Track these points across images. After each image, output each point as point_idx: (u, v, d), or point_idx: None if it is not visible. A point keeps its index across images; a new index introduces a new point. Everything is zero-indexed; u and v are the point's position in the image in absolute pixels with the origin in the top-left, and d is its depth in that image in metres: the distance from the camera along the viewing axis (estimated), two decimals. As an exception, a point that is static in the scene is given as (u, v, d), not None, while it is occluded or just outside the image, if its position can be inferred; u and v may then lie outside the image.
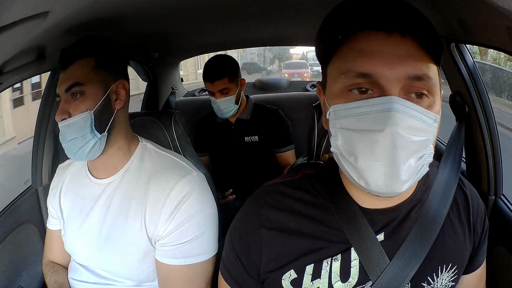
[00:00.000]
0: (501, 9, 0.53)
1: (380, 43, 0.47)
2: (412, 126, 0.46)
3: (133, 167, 0.87)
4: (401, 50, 0.47)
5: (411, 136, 0.46)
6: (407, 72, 0.46)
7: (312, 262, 0.57)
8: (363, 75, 0.47)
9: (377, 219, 0.57)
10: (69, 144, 0.80)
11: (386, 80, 0.46)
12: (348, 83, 0.48)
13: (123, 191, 0.85)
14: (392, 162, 0.46)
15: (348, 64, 0.48)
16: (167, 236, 0.81)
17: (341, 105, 0.49)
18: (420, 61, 0.47)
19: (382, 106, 0.45)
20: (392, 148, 0.45)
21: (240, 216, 0.64)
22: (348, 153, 0.49)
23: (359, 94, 0.48)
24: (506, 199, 0.97)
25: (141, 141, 0.92)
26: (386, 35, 0.47)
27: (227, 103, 1.59)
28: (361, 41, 0.48)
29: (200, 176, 0.88)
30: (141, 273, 0.85)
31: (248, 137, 1.70)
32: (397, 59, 0.46)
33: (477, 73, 0.95)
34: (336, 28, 0.51)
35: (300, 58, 18.98)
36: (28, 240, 1.15)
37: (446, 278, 0.60)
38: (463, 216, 0.62)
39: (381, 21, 0.47)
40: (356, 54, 0.48)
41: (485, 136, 0.94)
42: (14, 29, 0.53)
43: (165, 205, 0.80)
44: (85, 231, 0.88)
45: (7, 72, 0.80)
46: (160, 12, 1.02)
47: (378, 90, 0.47)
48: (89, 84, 0.81)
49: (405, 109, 0.45)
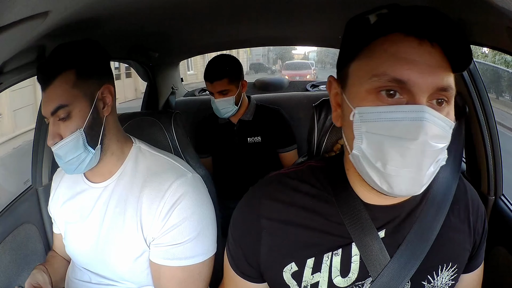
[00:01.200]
0: (501, 9, 0.53)
1: (415, 51, 0.47)
2: (437, 135, 0.47)
3: (128, 169, 0.86)
4: (432, 60, 0.47)
5: (437, 144, 0.47)
6: (437, 83, 0.47)
7: (313, 255, 0.58)
8: (397, 81, 0.47)
9: (379, 215, 0.57)
10: (66, 164, 0.80)
11: (418, 89, 0.47)
12: (379, 85, 0.48)
13: (119, 194, 0.85)
14: (419, 169, 0.47)
15: (383, 67, 0.48)
16: (161, 237, 0.81)
17: (370, 108, 0.48)
18: (446, 72, 0.48)
19: (414, 114, 0.46)
20: (421, 156, 0.46)
21: (241, 205, 0.65)
22: (374, 158, 0.49)
23: (387, 97, 0.48)
24: (506, 199, 0.97)
25: (135, 142, 0.91)
26: (418, 42, 0.48)
27: (226, 104, 1.58)
28: (395, 44, 0.48)
29: (195, 177, 0.87)
30: (140, 274, 0.85)
31: (251, 137, 1.69)
32: (430, 69, 0.47)
33: (477, 73, 0.95)
34: (366, 26, 0.51)
35: (301, 58, 19.04)
36: (28, 240, 1.15)
37: (446, 277, 0.60)
38: (464, 215, 0.62)
39: (413, 27, 0.48)
40: (392, 58, 0.48)
41: (485, 136, 0.94)
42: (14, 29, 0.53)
43: (159, 207, 0.80)
44: (85, 234, 0.88)
45: (7, 72, 0.80)
46: (160, 12, 1.02)
47: (407, 96, 0.48)
48: (74, 102, 0.77)
49: (433, 119, 0.46)
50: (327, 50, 13.85)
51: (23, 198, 1.20)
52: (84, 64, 0.80)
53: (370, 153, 0.49)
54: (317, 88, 2.41)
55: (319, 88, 2.41)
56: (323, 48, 2.93)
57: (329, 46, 2.18)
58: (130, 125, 1.05)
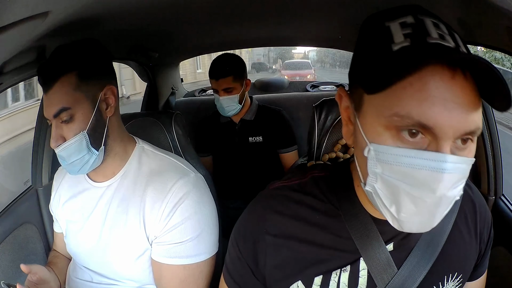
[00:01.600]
0: (501, 9, 0.53)
1: (446, 86, 0.41)
2: (457, 180, 0.43)
3: (131, 169, 0.87)
4: (465, 98, 0.41)
5: (455, 189, 0.44)
6: (465, 127, 0.42)
7: (320, 273, 0.56)
8: (421, 126, 0.41)
9: (387, 229, 0.55)
10: (69, 166, 0.80)
11: (444, 134, 0.42)
12: (399, 125, 0.43)
13: (122, 194, 0.85)
14: (432, 217, 0.45)
15: (407, 107, 0.41)
16: (163, 235, 0.81)
17: (388, 148, 0.44)
18: (477, 110, 0.43)
19: (435, 164, 0.41)
20: (437, 207, 0.44)
21: (245, 219, 0.62)
22: (388, 201, 0.46)
23: (409, 137, 0.43)
24: (506, 199, 0.97)
25: (138, 142, 0.91)
26: (451, 75, 0.41)
27: (230, 102, 1.59)
28: (423, 78, 0.41)
29: (198, 177, 0.88)
30: (142, 273, 0.85)
31: (252, 137, 1.70)
32: (461, 111, 0.41)
33: (477, 73, 0.95)
34: (391, 54, 0.43)
35: (301, 57, 19.07)
36: (28, 240, 1.15)
37: (451, 287, 0.60)
38: (471, 223, 0.61)
39: (445, 52, 0.41)
40: (417, 96, 0.41)
41: (485, 137, 0.94)
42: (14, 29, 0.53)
43: (162, 206, 0.80)
44: (87, 233, 0.88)
45: (7, 72, 0.80)
46: (160, 12, 1.02)
47: (430, 137, 0.43)
48: (76, 105, 0.77)
49: (455, 167, 0.42)
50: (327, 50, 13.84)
51: (23, 198, 1.20)
52: (86, 65, 0.79)
53: (384, 194, 0.46)
54: (317, 88, 2.41)
55: (319, 88, 2.40)
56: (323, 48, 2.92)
57: (330, 46, 2.18)
58: (131, 126, 1.05)
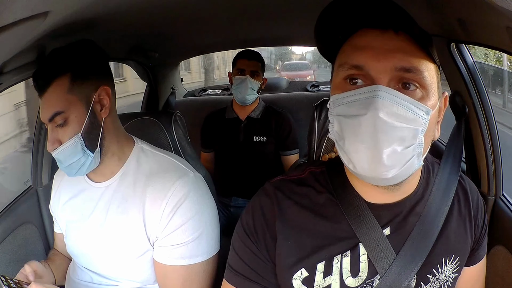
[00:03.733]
0: (501, 9, 0.53)
1: (374, 39, 0.51)
2: (397, 113, 0.48)
3: (130, 169, 0.86)
4: (392, 44, 0.51)
5: (394, 122, 0.48)
6: (394, 64, 0.50)
7: (323, 259, 0.58)
8: (356, 67, 0.51)
9: (383, 213, 0.59)
10: (67, 168, 0.81)
11: (375, 71, 0.50)
12: (344, 75, 0.53)
13: (122, 194, 0.85)
14: (374, 145, 0.48)
15: (344, 58, 0.53)
16: (164, 237, 0.81)
17: (338, 95, 0.53)
18: (411, 55, 0.51)
19: (368, 94, 0.49)
20: (374, 131, 0.48)
21: (253, 211, 0.63)
22: (339, 137, 0.53)
23: (351, 84, 0.53)
24: (506, 199, 0.96)
25: (137, 142, 0.91)
26: (381, 32, 0.52)
27: (254, 85, 1.65)
28: (358, 37, 0.53)
29: (197, 176, 0.88)
30: (144, 273, 0.85)
31: (256, 136, 1.71)
32: (386, 52, 0.50)
33: (477, 73, 0.95)
34: (336, 28, 0.55)
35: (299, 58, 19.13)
36: (28, 240, 1.15)
37: (449, 270, 0.62)
38: (464, 209, 0.64)
39: (378, 20, 0.52)
40: (351, 49, 0.53)
41: (485, 136, 0.94)
42: (14, 29, 0.53)
43: (161, 206, 0.80)
44: (87, 234, 0.88)
45: (7, 72, 0.80)
46: (160, 12, 1.02)
47: (369, 82, 0.51)
48: (70, 108, 0.77)
49: (390, 97, 0.48)
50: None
51: (23, 198, 1.20)
52: (79, 67, 0.79)
53: (337, 134, 0.53)
54: (317, 88, 2.41)
55: (319, 88, 2.41)
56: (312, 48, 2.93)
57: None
58: (131, 126, 1.05)
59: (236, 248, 0.64)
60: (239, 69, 1.67)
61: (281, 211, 0.61)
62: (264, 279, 0.62)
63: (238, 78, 1.65)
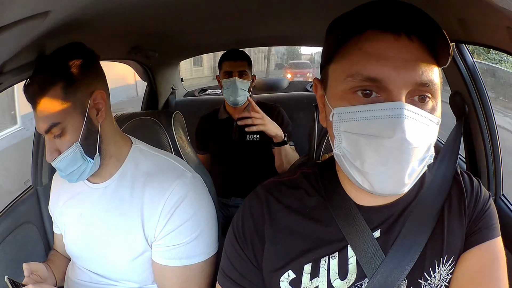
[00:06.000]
0: (501, 9, 0.53)
1: (389, 46, 0.46)
2: (419, 132, 0.46)
3: (128, 170, 0.86)
4: (409, 54, 0.46)
5: (418, 141, 0.46)
6: (415, 78, 0.46)
7: (310, 261, 0.58)
8: (371, 80, 0.46)
9: (374, 216, 0.57)
10: (68, 176, 0.81)
11: (394, 86, 0.46)
12: (353, 85, 0.48)
13: (120, 195, 0.85)
14: (398, 167, 0.46)
15: (356, 66, 0.47)
16: (162, 237, 0.81)
17: (346, 108, 0.48)
18: (427, 66, 0.47)
19: (391, 112, 0.45)
20: (399, 153, 0.45)
21: (243, 214, 0.64)
22: (353, 156, 0.49)
23: (363, 97, 0.48)
24: (506, 199, 0.96)
25: (134, 142, 0.91)
26: (394, 38, 0.47)
27: (244, 85, 1.62)
28: (369, 42, 0.47)
29: (195, 177, 0.88)
30: (142, 273, 0.85)
31: (249, 135, 1.70)
32: (405, 64, 0.46)
33: (477, 73, 0.95)
34: (342, 25, 0.51)
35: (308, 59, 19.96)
36: (28, 240, 1.15)
37: (444, 272, 0.58)
38: (456, 204, 0.59)
39: (389, 22, 0.47)
40: (364, 57, 0.47)
41: (485, 136, 0.94)
42: (14, 29, 0.53)
43: (159, 207, 0.80)
44: (85, 234, 0.88)
45: (7, 72, 0.80)
46: (161, 12, 1.02)
47: (385, 95, 0.47)
48: (66, 118, 0.76)
49: (414, 115, 0.46)
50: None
51: (23, 198, 1.20)
52: (70, 75, 0.77)
53: (349, 152, 0.49)
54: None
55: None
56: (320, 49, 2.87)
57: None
58: (130, 125, 1.05)
59: (227, 252, 0.64)
60: (226, 71, 1.64)
61: (271, 216, 0.60)
62: (252, 284, 0.62)
63: (227, 81, 1.62)
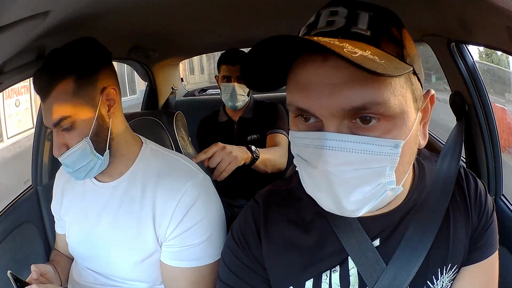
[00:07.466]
0: (501, 9, 0.53)
1: (315, 71, 0.43)
2: (351, 161, 0.43)
3: (139, 169, 0.85)
4: (339, 76, 0.41)
5: (350, 171, 0.43)
6: (341, 105, 0.41)
7: (311, 276, 0.56)
8: (301, 110, 0.45)
9: (373, 225, 0.56)
10: (75, 173, 0.79)
11: (321, 115, 0.43)
12: (293, 113, 0.48)
13: (131, 194, 0.83)
14: (334, 195, 0.45)
15: (290, 96, 0.47)
16: (173, 238, 0.80)
17: (293, 133, 0.48)
18: (363, 86, 0.41)
19: (318, 142, 0.43)
20: (328, 183, 0.44)
21: (240, 226, 0.63)
22: (303, 179, 0.50)
23: (304, 121, 0.47)
24: (506, 199, 0.96)
25: (145, 142, 0.90)
26: (322, 59, 0.42)
27: (243, 91, 1.61)
28: (299, 68, 0.45)
29: (206, 178, 0.87)
30: (151, 274, 0.84)
31: (250, 135, 1.69)
32: (331, 91, 0.41)
33: (477, 73, 0.95)
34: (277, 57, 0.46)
35: None
36: (28, 240, 1.15)
37: (446, 280, 0.58)
38: (462, 211, 0.59)
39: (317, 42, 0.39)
40: (294, 86, 0.46)
41: (485, 136, 0.94)
42: (14, 29, 0.53)
43: (172, 208, 0.79)
44: (92, 235, 0.86)
45: (7, 72, 0.80)
46: (161, 12, 1.01)
47: (321, 120, 0.45)
48: (76, 111, 0.74)
49: (340, 144, 0.42)
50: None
51: (23, 198, 1.20)
52: (83, 69, 0.75)
53: (300, 173, 0.50)
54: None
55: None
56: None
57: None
58: (131, 125, 1.04)
59: (226, 262, 0.62)
60: (224, 76, 1.63)
61: (267, 228, 0.59)
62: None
63: (225, 86, 1.61)
